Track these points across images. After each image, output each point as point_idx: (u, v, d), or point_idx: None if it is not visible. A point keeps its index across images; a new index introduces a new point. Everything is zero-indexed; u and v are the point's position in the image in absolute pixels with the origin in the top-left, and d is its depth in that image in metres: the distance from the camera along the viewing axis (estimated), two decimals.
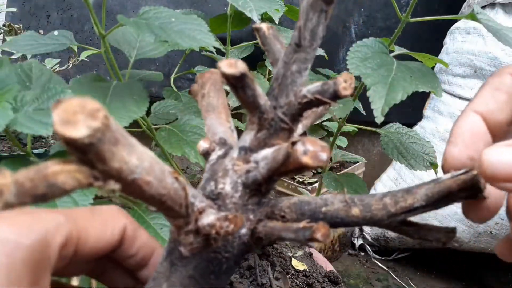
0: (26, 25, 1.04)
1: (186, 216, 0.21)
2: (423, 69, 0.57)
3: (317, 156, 0.18)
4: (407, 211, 0.21)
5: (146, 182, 0.17)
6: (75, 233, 0.22)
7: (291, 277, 0.68)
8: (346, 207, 0.21)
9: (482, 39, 1.17)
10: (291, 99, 0.22)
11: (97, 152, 0.15)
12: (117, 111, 0.47)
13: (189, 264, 0.22)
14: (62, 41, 0.55)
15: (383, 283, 1.24)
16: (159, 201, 0.19)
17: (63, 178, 0.15)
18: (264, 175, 0.21)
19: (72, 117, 0.14)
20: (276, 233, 0.21)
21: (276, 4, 0.63)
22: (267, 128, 0.23)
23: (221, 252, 0.22)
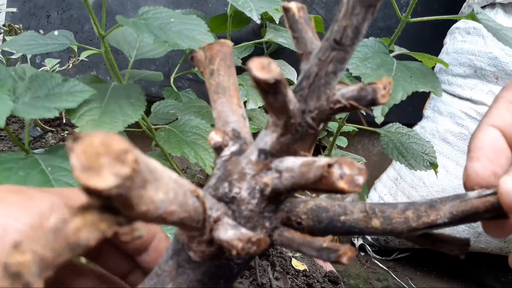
0: (26, 25, 1.04)
1: (202, 228, 0.19)
2: (423, 69, 0.57)
3: (354, 181, 0.16)
4: (428, 226, 0.20)
5: (170, 212, 0.16)
6: None
7: (291, 277, 0.68)
8: (366, 218, 0.20)
9: (482, 39, 1.17)
10: (322, 103, 0.20)
11: (125, 200, 0.13)
12: (113, 114, 0.47)
13: (198, 268, 0.21)
14: (62, 41, 0.55)
15: (383, 283, 1.24)
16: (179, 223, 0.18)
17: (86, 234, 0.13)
18: (288, 187, 0.20)
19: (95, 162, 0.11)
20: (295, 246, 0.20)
21: (276, 4, 0.63)
22: (292, 133, 0.20)
23: (233, 259, 0.21)
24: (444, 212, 0.20)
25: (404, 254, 1.36)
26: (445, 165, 1.22)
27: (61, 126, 1.04)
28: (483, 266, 1.32)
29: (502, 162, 0.22)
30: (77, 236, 0.13)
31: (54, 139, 0.98)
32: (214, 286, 0.21)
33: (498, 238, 0.22)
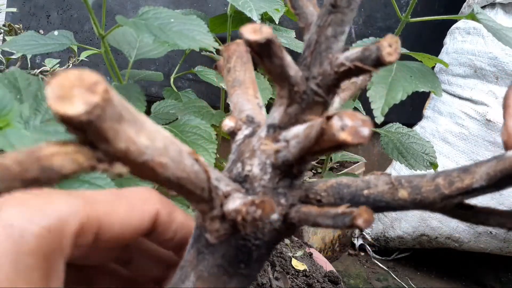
0: (26, 25, 1.04)
1: (210, 201, 0.19)
2: (423, 69, 0.57)
3: (357, 132, 0.15)
4: (464, 192, 0.18)
5: (160, 164, 0.16)
6: (95, 220, 0.19)
7: (291, 277, 0.68)
8: (392, 190, 0.19)
9: (482, 39, 1.17)
10: (325, 68, 0.19)
11: (97, 131, 0.13)
12: None
13: (217, 252, 0.20)
14: (62, 41, 0.55)
15: (383, 283, 1.24)
16: (177, 184, 0.17)
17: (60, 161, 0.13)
18: (296, 155, 0.19)
19: (68, 92, 0.12)
20: (312, 219, 0.19)
21: (276, 4, 0.63)
22: (299, 102, 0.20)
23: (251, 240, 0.20)
24: (480, 174, 0.18)
25: (404, 254, 1.36)
26: (445, 165, 1.22)
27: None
28: (483, 266, 1.32)
29: None
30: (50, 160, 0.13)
31: None
32: (235, 272, 0.20)
33: None
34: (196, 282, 0.20)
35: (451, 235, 1.21)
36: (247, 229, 0.19)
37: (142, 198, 0.22)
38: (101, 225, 0.20)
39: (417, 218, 1.26)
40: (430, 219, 1.23)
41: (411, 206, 0.19)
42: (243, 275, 0.21)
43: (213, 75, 0.73)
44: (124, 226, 0.21)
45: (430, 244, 1.28)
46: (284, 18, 1.08)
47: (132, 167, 0.15)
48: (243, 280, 0.21)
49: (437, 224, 1.22)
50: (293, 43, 0.75)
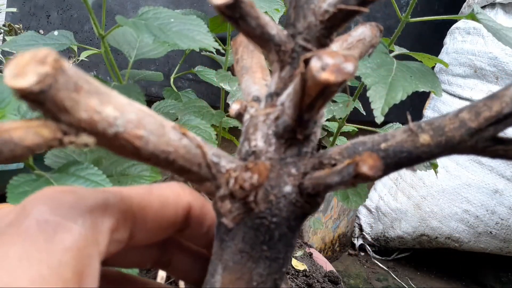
0: (26, 25, 1.04)
1: (214, 179, 0.18)
2: (423, 69, 0.57)
3: (340, 69, 0.14)
4: (495, 121, 0.16)
5: (136, 136, 0.15)
6: (130, 214, 0.19)
7: (291, 277, 0.68)
8: (411, 137, 0.17)
9: (482, 39, 1.17)
10: (310, 20, 0.18)
11: (53, 101, 0.13)
12: None
13: (236, 236, 0.19)
14: (62, 41, 0.55)
15: (383, 283, 1.24)
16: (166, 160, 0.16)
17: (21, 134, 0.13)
18: (292, 115, 0.18)
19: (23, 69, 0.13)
20: (322, 182, 0.18)
21: (276, 4, 0.63)
22: (290, 63, 0.19)
23: (267, 217, 0.19)
24: (510, 96, 0.15)
25: (404, 254, 1.36)
26: (445, 165, 1.22)
27: None
28: (483, 266, 1.32)
29: None
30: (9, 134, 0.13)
31: None
32: (259, 256, 0.19)
33: None
34: (223, 273, 0.20)
35: (451, 235, 1.21)
36: (260, 205, 0.18)
37: (174, 192, 0.22)
38: (136, 220, 0.19)
39: (417, 218, 1.26)
40: (430, 219, 1.24)
41: (437, 151, 0.17)
42: (269, 259, 0.20)
43: (213, 75, 0.73)
44: (158, 220, 0.20)
45: (430, 244, 1.28)
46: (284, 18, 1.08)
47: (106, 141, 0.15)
48: (270, 264, 0.20)
49: (437, 224, 1.22)
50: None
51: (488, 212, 1.15)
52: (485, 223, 1.16)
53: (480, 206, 1.16)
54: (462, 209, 1.18)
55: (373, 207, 1.38)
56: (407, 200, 1.29)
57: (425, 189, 1.25)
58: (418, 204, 1.26)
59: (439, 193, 1.22)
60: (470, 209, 1.17)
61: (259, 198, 0.19)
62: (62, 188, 0.18)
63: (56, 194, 0.18)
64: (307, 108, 0.17)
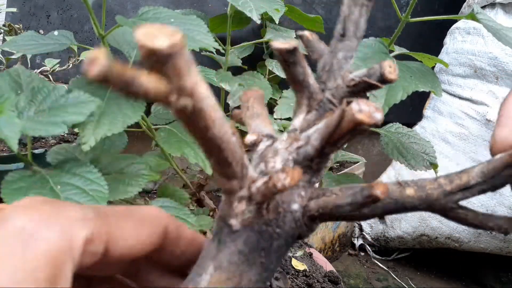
0: (26, 25, 1.04)
1: (241, 179, 0.21)
2: (423, 69, 0.57)
3: (372, 115, 0.18)
4: (463, 188, 0.21)
5: (212, 118, 0.18)
6: (105, 230, 0.20)
7: (291, 277, 0.68)
8: (400, 188, 0.21)
9: (482, 39, 1.17)
10: (339, 82, 0.23)
11: (173, 65, 0.15)
12: (112, 115, 0.46)
13: (239, 238, 0.21)
14: (62, 41, 0.54)
15: (383, 283, 1.24)
16: (219, 147, 0.19)
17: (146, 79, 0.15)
18: (317, 146, 0.22)
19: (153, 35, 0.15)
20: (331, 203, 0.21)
21: (276, 4, 0.63)
22: (316, 109, 0.23)
23: (273, 226, 0.22)
24: (476, 172, 0.20)
25: (404, 254, 1.36)
26: (445, 165, 1.22)
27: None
28: (483, 266, 1.32)
29: None
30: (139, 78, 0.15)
31: (54, 139, 0.98)
32: (254, 260, 0.21)
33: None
34: (214, 273, 0.21)
35: (451, 235, 1.21)
36: (270, 214, 0.21)
37: (151, 214, 0.23)
38: (111, 237, 0.20)
39: (417, 218, 1.26)
40: (430, 219, 1.23)
41: (418, 203, 0.21)
42: (262, 266, 0.22)
43: (213, 75, 0.73)
44: (133, 240, 0.21)
45: (430, 244, 1.28)
46: (284, 18, 1.08)
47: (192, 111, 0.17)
48: (261, 271, 0.22)
49: (437, 224, 1.22)
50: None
51: (488, 212, 1.15)
52: None
53: (480, 206, 1.16)
54: None
55: None
56: None
57: None
58: None
59: None
60: None
61: (271, 207, 0.21)
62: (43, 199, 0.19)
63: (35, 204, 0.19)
64: (333, 142, 0.21)
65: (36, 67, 0.96)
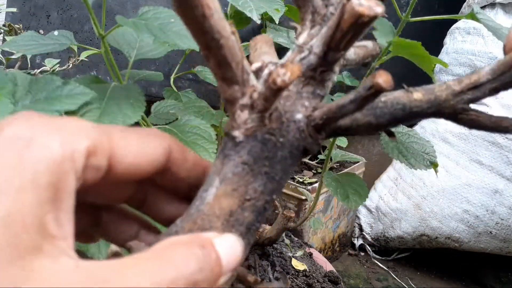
0: (26, 25, 1.04)
1: (242, 84, 0.20)
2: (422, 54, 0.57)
3: (373, 8, 0.18)
4: (473, 87, 0.20)
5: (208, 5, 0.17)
6: (107, 143, 0.19)
7: (291, 277, 0.68)
8: (407, 93, 0.21)
9: (482, 39, 1.17)
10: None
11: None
12: (112, 115, 0.46)
13: (243, 149, 0.21)
14: (62, 41, 0.54)
15: (383, 283, 1.24)
16: (217, 42, 0.18)
17: None
18: (319, 53, 0.21)
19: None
20: (334, 106, 0.20)
21: (276, 4, 0.63)
22: (320, 24, 0.23)
23: (276, 135, 0.21)
24: (486, 70, 0.20)
25: (404, 254, 1.36)
26: (445, 165, 1.22)
27: None
28: (483, 266, 1.32)
29: None
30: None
31: None
32: (259, 170, 0.21)
33: None
34: (219, 185, 0.21)
35: (451, 235, 1.21)
36: (273, 123, 0.21)
37: (155, 134, 0.22)
38: (114, 151, 0.19)
39: (417, 218, 1.26)
40: (430, 219, 1.23)
41: (426, 106, 0.20)
42: (266, 176, 0.21)
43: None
44: (138, 157, 0.20)
45: (430, 244, 1.28)
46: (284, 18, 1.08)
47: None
48: (266, 182, 0.21)
49: (437, 224, 1.22)
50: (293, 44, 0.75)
51: (488, 212, 1.15)
52: (485, 223, 1.16)
53: (480, 206, 1.16)
54: (462, 209, 1.18)
55: (373, 207, 1.38)
56: (407, 200, 1.29)
57: (425, 189, 1.25)
58: (418, 204, 1.26)
59: (439, 193, 1.22)
60: (470, 209, 1.17)
61: (273, 116, 0.21)
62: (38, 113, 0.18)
63: (31, 115, 0.17)
64: (336, 44, 0.20)
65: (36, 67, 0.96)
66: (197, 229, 0.20)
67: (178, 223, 0.21)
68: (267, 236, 0.67)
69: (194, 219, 0.21)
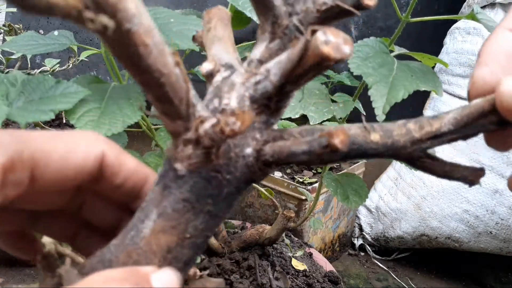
0: (26, 25, 1.04)
1: (186, 119, 0.18)
2: (424, 69, 0.57)
3: (339, 48, 0.15)
4: (433, 136, 0.19)
5: (144, 43, 0.15)
6: (28, 155, 0.18)
7: (291, 277, 0.68)
8: (364, 132, 0.19)
9: (482, 39, 1.17)
10: (308, 5, 0.20)
11: None
12: (112, 115, 0.46)
13: (185, 184, 0.19)
14: (62, 41, 0.54)
15: (383, 283, 1.24)
16: (157, 81, 0.16)
17: None
18: (276, 82, 0.19)
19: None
20: (286, 150, 0.19)
21: None
22: (281, 37, 0.20)
23: (222, 172, 0.19)
24: (448, 119, 0.19)
25: (404, 254, 1.36)
26: None
27: (61, 126, 1.04)
28: (483, 266, 1.32)
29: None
30: None
31: None
32: (201, 208, 0.19)
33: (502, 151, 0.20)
34: (157, 219, 0.19)
35: (451, 235, 1.21)
36: (220, 159, 0.19)
37: (86, 138, 0.21)
38: (36, 163, 0.18)
39: (417, 218, 1.26)
40: (430, 219, 1.23)
41: (383, 150, 0.19)
42: (209, 214, 0.20)
43: None
44: (64, 165, 0.19)
45: (430, 244, 1.28)
46: None
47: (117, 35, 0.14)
48: (208, 220, 0.20)
49: (437, 224, 1.22)
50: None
51: (488, 212, 1.15)
52: (485, 223, 1.16)
53: (480, 206, 1.16)
54: (462, 209, 1.18)
55: (373, 207, 1.38)
56: (407, 200, 1.29)
57: (425, 189, 1.25)
58: (418, 204, 1.26)
59: (439, 193, 1.22)
60: (470, 209, 1.17)
61: (221, 151, 0.19)
62: None
63: None
64: (295, 78, 0.18)
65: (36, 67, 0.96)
66: (132, 263, 0.19)
67: (112, 249, 0.20)
68: (267, 236, 0.67)
69: (129, 252, 0.19)
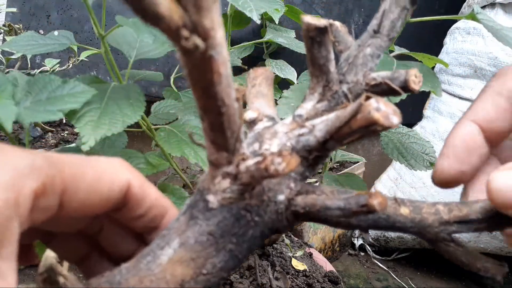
0: (26, 25, 1.04)
1: (232, 152, 0.19)
2: (423, 69, 0.57)
3: (388, 117, 0.16)
4: (461, 221, 0.19)
5: (219, 71, 0.15)
6: (59, 181, 0.17)
7: (291, 277, 0.68)
8: (395, 205, 0.19)
9: (482, 39, 1.17)
10: (359, 78, 0.21)
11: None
12: (112, 115, 0.46)
13: (214, 217, 0.19)
14: (62, 41, 0.54)
15: (383, 283, 1.24)
16: (218, 109, 0.17)
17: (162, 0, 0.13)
18: (320, 138, 0.19)
19: None
20: (320, 203, 0.19)
21: (276, 4, 0.63)
22: (329, 100, 0.21)
23: (252, 213, 0.20)
24: (477, 207, 0.19)
25: (404, 254, 1.36)
26: None
27: (61, 126, 1.04)
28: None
29: (473, 160, 0.22)
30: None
31: (54, 139, 0.98)
32: (224, 246, 0.19)
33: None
34: (178, 249, 0.19)
35: None
36: (253, 199, 0.19)
37: (112, 167, 0.20)
38: (66, 188, 0.18)
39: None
40: None
41: (410, 225, 0.19)
42: (230, 253, 0.20)
43: None
44: (92, 193, 0.19)
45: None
46: (284, 18, 1.08)
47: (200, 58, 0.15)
48: (228, 259, 0.20)
49: None
50: (293, 43, 0.75)
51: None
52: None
53: None
54: None
55: None
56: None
57: (425, 189, 1.25)
58: None
59: (439, 193, 1.22)
60: None
61: (255, 192, 0.19)
62: None
63: None
64: (339, 137, 0.19)
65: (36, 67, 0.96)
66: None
67: (123, 271, 0.20)
68: None
69: (142, 278, 0.19)
